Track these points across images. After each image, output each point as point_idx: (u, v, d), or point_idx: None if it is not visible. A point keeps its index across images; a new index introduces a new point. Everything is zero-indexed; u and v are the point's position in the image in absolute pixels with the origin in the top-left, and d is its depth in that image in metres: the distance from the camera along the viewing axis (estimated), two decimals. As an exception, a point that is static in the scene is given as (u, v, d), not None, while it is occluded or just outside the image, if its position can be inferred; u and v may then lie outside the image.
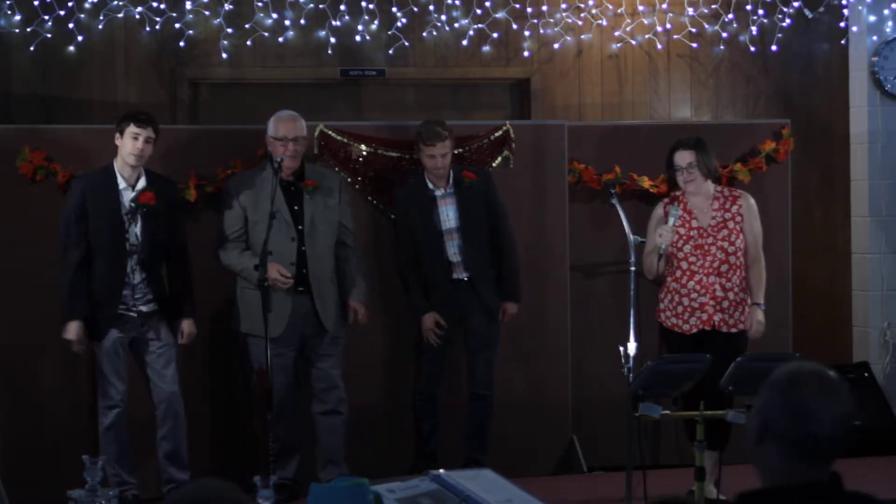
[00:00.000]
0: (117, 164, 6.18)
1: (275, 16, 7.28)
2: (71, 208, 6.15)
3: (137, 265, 6.14)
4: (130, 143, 6.11)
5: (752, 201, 6.38)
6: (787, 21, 7.65)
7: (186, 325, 6.27)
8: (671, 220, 6.21)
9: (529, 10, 7.51)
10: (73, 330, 6.11)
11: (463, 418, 6.68)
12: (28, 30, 7.09)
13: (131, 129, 6.11)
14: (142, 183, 6.17)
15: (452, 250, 6.51)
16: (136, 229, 6.14)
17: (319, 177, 6.43)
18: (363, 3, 7.31)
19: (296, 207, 6.30)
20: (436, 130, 6.40)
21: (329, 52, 7.37)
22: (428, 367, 6.61)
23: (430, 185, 6.52)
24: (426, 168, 6.49)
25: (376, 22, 7.36)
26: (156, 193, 6.16)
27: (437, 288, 6.53)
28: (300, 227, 6.28)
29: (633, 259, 6.15)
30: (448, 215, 6.51)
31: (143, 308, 6.18)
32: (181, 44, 7.26)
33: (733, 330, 6.23)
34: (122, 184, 6.15)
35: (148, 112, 6.31)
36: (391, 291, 6.76)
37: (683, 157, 6.26)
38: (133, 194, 6.15)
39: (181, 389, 6.29)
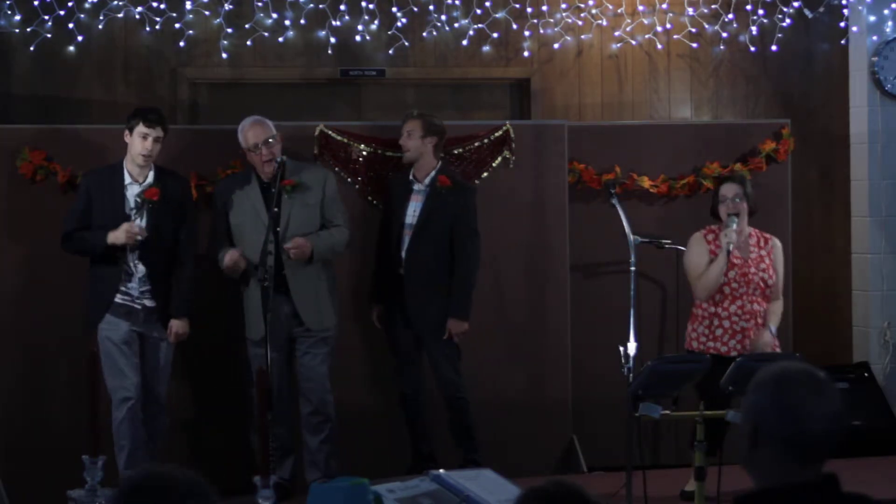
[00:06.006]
0: (126, 161, 6.18)
1: (275, 16, 7.28)
2: (77, 204, 6.17)
3: (139, 259, 6.11)
4: (139, 143, 6.11)
5: (780, 244, 6.56)
6: (787, 21, 7.64)
7: (176, 325, 6.19)
8: (732, 225, 6.27)
9: (529, 10, 7.51)
10: (120, 232, 6.04)
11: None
12: (28, 30, 7.09)
13: (140, 128, 6.10)
14: (149, 179, 6.17)
15: (405, 245, 6.51)
16: (141, 224, 6.12)
17: (301, 174, 6.39)
18: (363, 3, 7.31)
19: (275, 209, 6.26)
20: (407, 111, 6.63)
21: (329, 52, 7.37)
22: (402, 368, 6.64)
23: (412, 178, 6.56)
24: None
25: (376, 22, 7.36)
26: (162, 189, 6.17)
27: (387, 278, 6.57)
28: (277, 229, 6.25)
29: (633, 259, 6.16)
30: (414, 210, 6.52)
31: (147, 303, 6.17)
32: (181, 44, 7.25)
33: None
34: (128, 179, 6.15)
35: (158, 109, 6.30)
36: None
37: (730, 189, 6.36)
38: (139, 189, 6.15)
39: (180, 392, 6.27)
